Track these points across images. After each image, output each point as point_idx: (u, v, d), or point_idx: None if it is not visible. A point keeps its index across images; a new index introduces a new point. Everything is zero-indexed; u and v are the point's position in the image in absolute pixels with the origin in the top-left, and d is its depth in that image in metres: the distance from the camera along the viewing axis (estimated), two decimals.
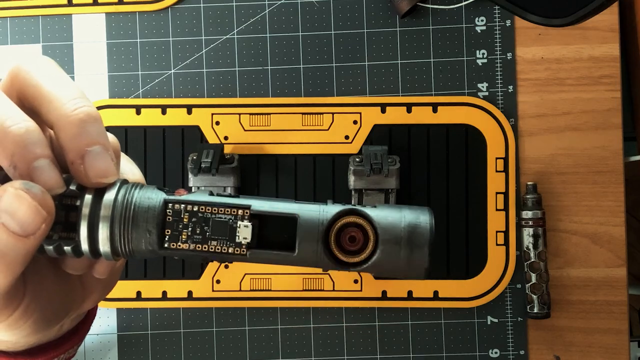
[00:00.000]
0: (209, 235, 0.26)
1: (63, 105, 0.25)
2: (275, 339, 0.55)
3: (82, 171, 0.25)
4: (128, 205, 0.25)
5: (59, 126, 0.25)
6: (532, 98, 0.55)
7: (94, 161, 0.25)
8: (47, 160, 0.24)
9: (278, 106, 0.55)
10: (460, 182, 0.55)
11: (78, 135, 0.24)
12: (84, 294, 0.29)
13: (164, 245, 0.26)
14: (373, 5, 0.56)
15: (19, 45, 0.56)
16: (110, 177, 0.25)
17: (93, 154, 0.25)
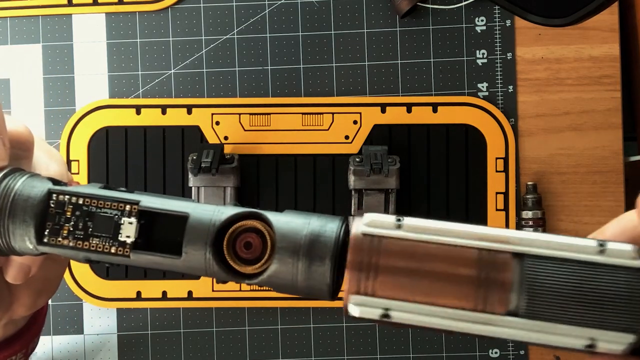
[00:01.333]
0: (92, 231, 0.23)
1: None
2: (275, 339, 0.55)
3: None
4: (8, 194, 0.23)
5: None
6: (532, 98, 0.55)
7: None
8: None
9: (278, 106, 0.55)
10: (460, 182, 0.55)
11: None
12: (11, 297, 0.27)
13: (43, 239, 0.23)
14: (373, 5, 0.56)
15: (19, 45, 0.56)
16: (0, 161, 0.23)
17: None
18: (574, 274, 0.20)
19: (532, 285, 0.20)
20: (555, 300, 0.19)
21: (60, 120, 0.56)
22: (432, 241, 0.21)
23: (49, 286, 0.29)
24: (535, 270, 0.20)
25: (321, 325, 0.55)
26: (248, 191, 0.55)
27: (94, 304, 0.55)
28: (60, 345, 0.55)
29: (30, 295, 0.28)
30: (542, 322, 0.19)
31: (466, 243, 0.21)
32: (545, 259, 0.20)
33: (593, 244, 0.20)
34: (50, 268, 0.29)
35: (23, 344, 0.30)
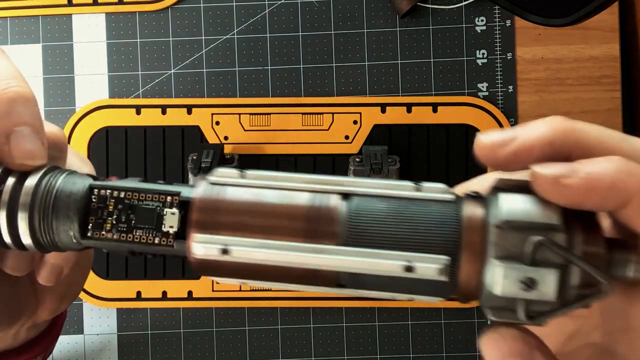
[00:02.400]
0: (135, 223, 0.23)
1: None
2: (275, 339, 0.55)
3: (6, 151, 0.23)
4: (50, 190, 0.23)
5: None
6: (532, 98, 0.55)
7: (19, 141, 0.23)
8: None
9: (278, 106, 0.55)
10: (460, 182, 0.55)
11: (6, 113, 0.23)
12: (36, 301, 0.28)
13: (87, 234, 0.24)
14: (373, 5, 0.56)
15: (19, 45, 0.56)
16: (36, 159, 0.24)
17: (20, 134, 0.23)
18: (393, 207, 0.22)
19: (356, 218, 0.22)
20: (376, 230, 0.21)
21: (60, 120, 0.56)
22: (271, 186, 0.23)
23: (72, 291, 0.30)
24: (359, 205, 0.22)
25: (321, 325, 0.55)
26: None
27: (94, 304, 0.55)
28: (60, 345, 0.55)
29: (54, 300, 0.29)
30: (364, 248, 0.21)
31: (301, 186, 0.23)
32: (369, 197, 0.22)
33: (411, 183, 0.23)
34: (75, 273, 0.29)
35: (44, 347, 0.31)
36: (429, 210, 0.22)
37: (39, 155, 0.24)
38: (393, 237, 0.21)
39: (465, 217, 0.21)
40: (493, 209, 0.21)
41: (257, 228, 0.22)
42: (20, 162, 0.23)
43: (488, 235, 0.21)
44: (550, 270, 0.20)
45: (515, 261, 0.20)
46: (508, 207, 0.21)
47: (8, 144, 0.23)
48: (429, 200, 0.22)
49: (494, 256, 0.20)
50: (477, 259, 0.21)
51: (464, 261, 0.21)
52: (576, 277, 0.20)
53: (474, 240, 0.21)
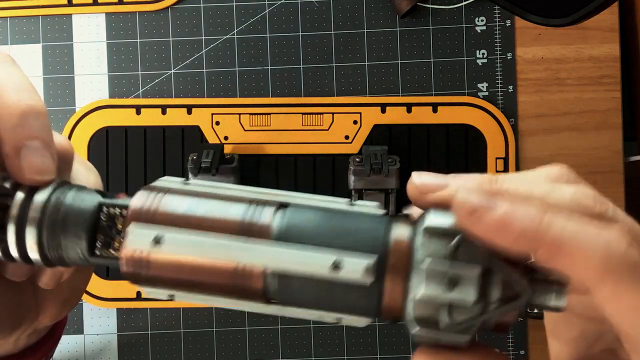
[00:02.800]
0: None
1: (6, 96, 0.23)
2: (275, 339, 0.55)
3: (16, 165, 0.23)
4: (59, 207, 0.23)
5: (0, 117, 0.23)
6: (532, 98, 0.55)
7: (30, 156, 0.23)
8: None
9: (278, 106, 0.55)
10: None
11: (17, 126, 0.23)
12: (38, 307, 0.28)
13: (95, 252, 0.23)
14: (373, 5, 0.56)
15: (19, 45, 0.56)
16: (46, 174, 0.23)
17: (30, 148, 0.23)
18: (326, 216, 0.22)
19: (290, 222, 0.22)
20: (307, 234, 0.22)
21: (60, 120, 0.56)
22: (210, 195, 0.23)
23: (73, 297, 0.30)
24: (294, 213, 0.22)
25: (321, 326, 0.55)
26: None
27: (94, 304, 0.55)
28: (61, 345, 0.55)
29: (56, 306, 0.28)
30: (295, 244, 0.22)
31: (241, 195, 0.23)
32: (305, 207, 0.23)
33: (345, 200, 0.23)
34: (76, 279, 0.29)
35: (44, 352, 0.31)
36: (360, 221, 0.22)
37: (49, 171, 0.23)
38: (324, 239, 0.22)
39: (393, 229, 0.22)
40: (420, 222, 0.22)
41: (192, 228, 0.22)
42: (30, 177, 0.23)
43: (414, 243, 0.21)
44: (471, 268, 0.20)
45: (438, 262, 0.21)
46: (434, 218, 0.21)
47: (18, 158, 0.23)
48: (361, 214, 0.23)
49: (418, 260, 0.21)
50: (402, 270, 0.21)
51: (389, 271, 0.21)
52: (497, 283, 0.21)
53: (400, 249, 0.21)
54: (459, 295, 0.21)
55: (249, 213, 0.22)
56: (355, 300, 0.22)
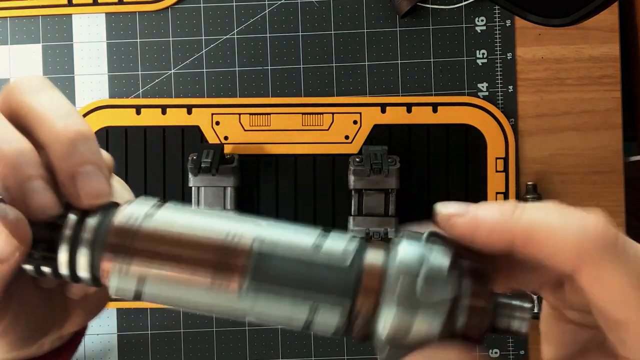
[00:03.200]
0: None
1: (53, 124, 0.23)
2: (275, 339, 0.55)
3: (73, 193, 0.23)
4: (109, 228, 0.23)
5: (49, 146, 0.23)
6: (532, 98, 0.55)
7: (85, 181, 0.23)
8: (41, 181, 0.23)
9: (278, 106, 0.55)
10: (460, 182, 0.55)
11: (68, 154, 0.23)
12: (66, 314, 0.28)
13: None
14: (373, 5, 0.56)
15: (19, 45, 0.56)
16: (103, 198, 0.24)
17: (84, 174, 0.23)
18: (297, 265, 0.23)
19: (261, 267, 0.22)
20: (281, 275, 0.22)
21: None
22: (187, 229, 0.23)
23: (97, 308, 0.30)
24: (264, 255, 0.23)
25: None
26: (248, 191, 0.55)
27: None
28: None
29: (81, 315, 0.29)
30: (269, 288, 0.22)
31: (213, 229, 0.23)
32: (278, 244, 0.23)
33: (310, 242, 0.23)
34: (101, 292, 0.29)
35: (65, 357, 0.31)
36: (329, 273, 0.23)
37: (105, 193, 0.24)
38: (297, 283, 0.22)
39: (365, 264, 0.22)
40: (392, 256, 0.22)
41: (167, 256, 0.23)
42: (88, 202, 0.23)
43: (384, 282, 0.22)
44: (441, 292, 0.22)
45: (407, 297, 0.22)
46: (404, 253, 0.22)
47: (74, 185, 0.23)
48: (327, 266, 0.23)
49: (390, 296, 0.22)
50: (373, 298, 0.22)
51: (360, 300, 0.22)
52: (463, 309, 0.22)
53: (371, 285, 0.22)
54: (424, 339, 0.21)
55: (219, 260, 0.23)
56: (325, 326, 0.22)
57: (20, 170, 0.23)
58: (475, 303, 0.22)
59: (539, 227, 0.21)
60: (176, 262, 0.23)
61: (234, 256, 0.23)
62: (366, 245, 0.23)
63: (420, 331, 0.21)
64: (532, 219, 0.21)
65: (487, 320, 0.22)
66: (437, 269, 0.22)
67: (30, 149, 0.23)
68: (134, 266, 0.23)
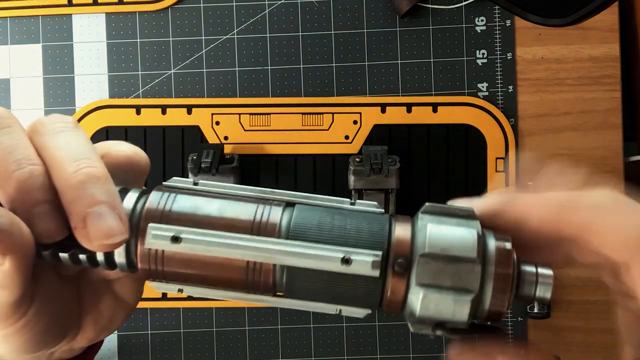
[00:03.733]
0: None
1: (64, 169, 0.23)
2: (275, 339, 0.55)
3: (84, 235, 0.23)
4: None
5: (61, 191, 0.23)
6: (532, 98, 0.55)
7: (95, 222, 0.23)
8: (47, 206, 0.23)
9: (278, 106, 0.55)
10: (460, 182, 0.55)
11: (78, 197, 0.23)
12: (79, 327, 0.29)
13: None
14: (373, 5, 0.56)
15: (19, 45, 0.56)
16: (114, 238, 0.23)
17: (95, 214, 0.23)
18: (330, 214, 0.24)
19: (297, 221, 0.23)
20: (314, 229, 0.23)
21: None
22: (222, 193, 0.25)
23: (111, 325, 0.30)
24: (300, 212, 0.24)
25: (321, 325, 0.55)
26: None
27: None
28: None
29: (95, 331, 0.29)
30: (304, 242, 0.23)
31: (249, 194, 0.25)
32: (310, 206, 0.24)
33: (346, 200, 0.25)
34: (118, 310, 0.30)
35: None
36: (363, 219, 0.24)
37: (118, 233, 0.23)
38: (329, 238, 0.23)
39: (395, 228, 0.24)
40: (421, 224, 0.24)
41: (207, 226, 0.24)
42: (98, 243, 0.23)
43: (415, 242, 0.23)
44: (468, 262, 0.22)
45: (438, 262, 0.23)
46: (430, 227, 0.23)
47: (85, 227, 0.23)
48: (363, 212, 0.24)
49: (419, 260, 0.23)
50: (404, 268, 0.23)
51: (392, 267, 0.23)
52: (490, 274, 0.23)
53: (402, 247, 0.23)
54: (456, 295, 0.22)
55: (259, 212, 0.24)
56: (360, 294, 0.23)
57: (28, 194, 0.23)
58: (501, 270, 0.23)
59: (595, 222, 0.23)
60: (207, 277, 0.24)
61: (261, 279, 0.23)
62: (392, 220, 0.24)
63: (450, 302, 0.22)
64: (589, 213, 0.23)
65: (512, 286, 0.23)
66: (465, 241, 0.23)
67: (40, 173, 0.23)
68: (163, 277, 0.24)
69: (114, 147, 0.27)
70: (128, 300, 0.30)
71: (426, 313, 0.22)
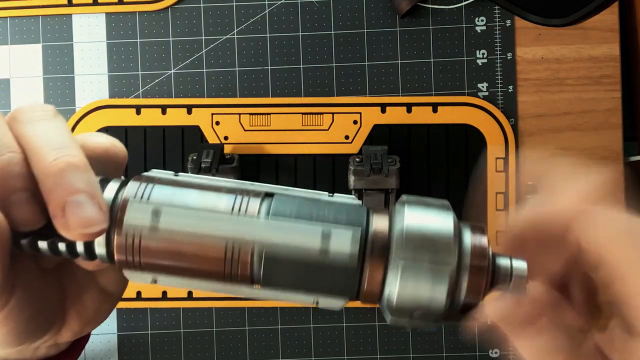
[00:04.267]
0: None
1: (43, 157, 0.23)
2: (275, 339, 0.55)
3: (62, 223, 0.23)
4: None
5: (39, 179, 0.23)
6: (532, 98, 0.55)
7: (75, 211, 0.23)
8: (25, 193, 0.23)
9: (278, 106, 0.55)
10: (460, 182, 0.55)
11: (57, 185, 0.23)
12: (63, 321, 0.29)
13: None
14: (373, 5, 0.56)
15: (19, 45, 0.56)
16: (94, 227, 0.23)
17: (74, 203, 0.23)
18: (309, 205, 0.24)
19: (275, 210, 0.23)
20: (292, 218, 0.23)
21: None
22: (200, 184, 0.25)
23: (97, 318, 0.30)
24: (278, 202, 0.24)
25: (321, 325, 0.55)
26: None
27: None
28: None
29: (79, 323, 0.29)
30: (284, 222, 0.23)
31: (228, 185, 0.25)
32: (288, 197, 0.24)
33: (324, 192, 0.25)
34: (103, 302, 0.30)
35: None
36: (341, 210, 0.24)
37: (97, 222, 0.23)
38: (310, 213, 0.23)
39: (373, 220, 0.24)
40: (398, 215, 0.24)
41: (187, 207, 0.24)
42: (77, 231, 0.23)
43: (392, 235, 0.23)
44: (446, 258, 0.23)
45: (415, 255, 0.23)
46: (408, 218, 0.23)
47: (63, 216, 0.23)
48: (341, 204, 0.24)
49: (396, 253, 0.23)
50: (381, 259, 0.23)
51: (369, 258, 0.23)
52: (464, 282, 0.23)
53: (379, 239, 0.23)
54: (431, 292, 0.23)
55: (237, 202, 0.24)
56: (338, 280, 0.23)
57: (6, 181, 0.23)
58: (476, 262, 0.23)
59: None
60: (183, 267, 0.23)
61: (239, 267, 0.23)
62: (370, 212, 0.24)
63: (428, 279, 0.23)
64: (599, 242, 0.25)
65: (487, 278, 0.24)
66: (441, 232, 0.23)
67: (18, 160, 0.23)
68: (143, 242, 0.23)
69: (90, 139, 0.26)
70: (112, 292, 0.30)
71: (404, 296, 0.23)
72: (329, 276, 0.23)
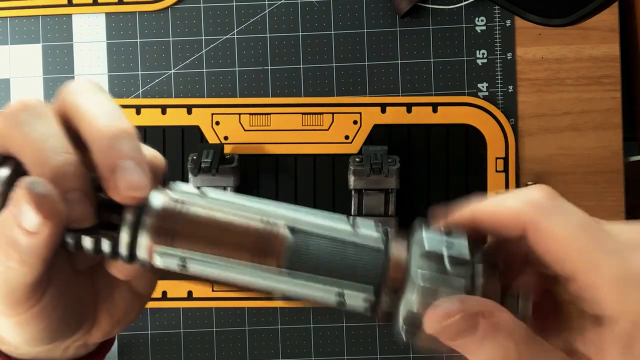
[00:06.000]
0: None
1: (97, 121, 0.25)
2: (275, 339, 0.55)
3: (112, 185, 0.24)
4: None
5: (92, 142, 0.25)
6: (532, 98, 0.55)
7: (125, 175, 0.24)
8: (79, 193, 0.24)
9: (278, 106, 0.55)
10: (460, 182, 0.55)
11: (109, 148, 0.25)
12: (94, 320, 0.29)
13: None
14: (373, 5, 0.56)
15: (19, 45, 0.56)
16: (141, 190, 0.25)
17: (123, 167, 0.24)
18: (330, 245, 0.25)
19: (297, 250, 0.25)
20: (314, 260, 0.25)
21: None
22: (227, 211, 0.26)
23: (126, 318, 0.31)
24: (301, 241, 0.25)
25: (321, 325, 0.55)
26: (248, 191, 0.55)
27: None
28: None
29: (110, 323, 0.30)
30: (303, 272, 0.24)
31: (252, 217, 0.25)
32: (311, 234, 0.25)
33: (348, 228, 0.26)
34: (133, 302, 0.31)
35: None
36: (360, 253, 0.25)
37: (144, 186, 0.25)
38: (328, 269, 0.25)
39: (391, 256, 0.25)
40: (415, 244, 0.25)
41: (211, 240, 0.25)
42: (126, 194, 0.24)
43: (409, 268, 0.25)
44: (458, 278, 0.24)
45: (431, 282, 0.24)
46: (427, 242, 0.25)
47: (114, 178, 0.24)
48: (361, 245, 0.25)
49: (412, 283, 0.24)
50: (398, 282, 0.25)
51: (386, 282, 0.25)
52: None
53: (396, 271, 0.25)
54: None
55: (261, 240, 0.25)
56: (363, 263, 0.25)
57: (62, 181, 0.24)
58: (488, 284, 0.24)
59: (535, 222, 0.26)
60: (216, 246, 0.25)
61: (271, 241, 0.25)
62: (388, 247, 0.25)
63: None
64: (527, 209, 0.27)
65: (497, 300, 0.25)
66: (458, 256, 0.24)
67: (74, 162, 0.25)
68: (177, 247, 0.25)
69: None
70: (142, 292, 0.31)
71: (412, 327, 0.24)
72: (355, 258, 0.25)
